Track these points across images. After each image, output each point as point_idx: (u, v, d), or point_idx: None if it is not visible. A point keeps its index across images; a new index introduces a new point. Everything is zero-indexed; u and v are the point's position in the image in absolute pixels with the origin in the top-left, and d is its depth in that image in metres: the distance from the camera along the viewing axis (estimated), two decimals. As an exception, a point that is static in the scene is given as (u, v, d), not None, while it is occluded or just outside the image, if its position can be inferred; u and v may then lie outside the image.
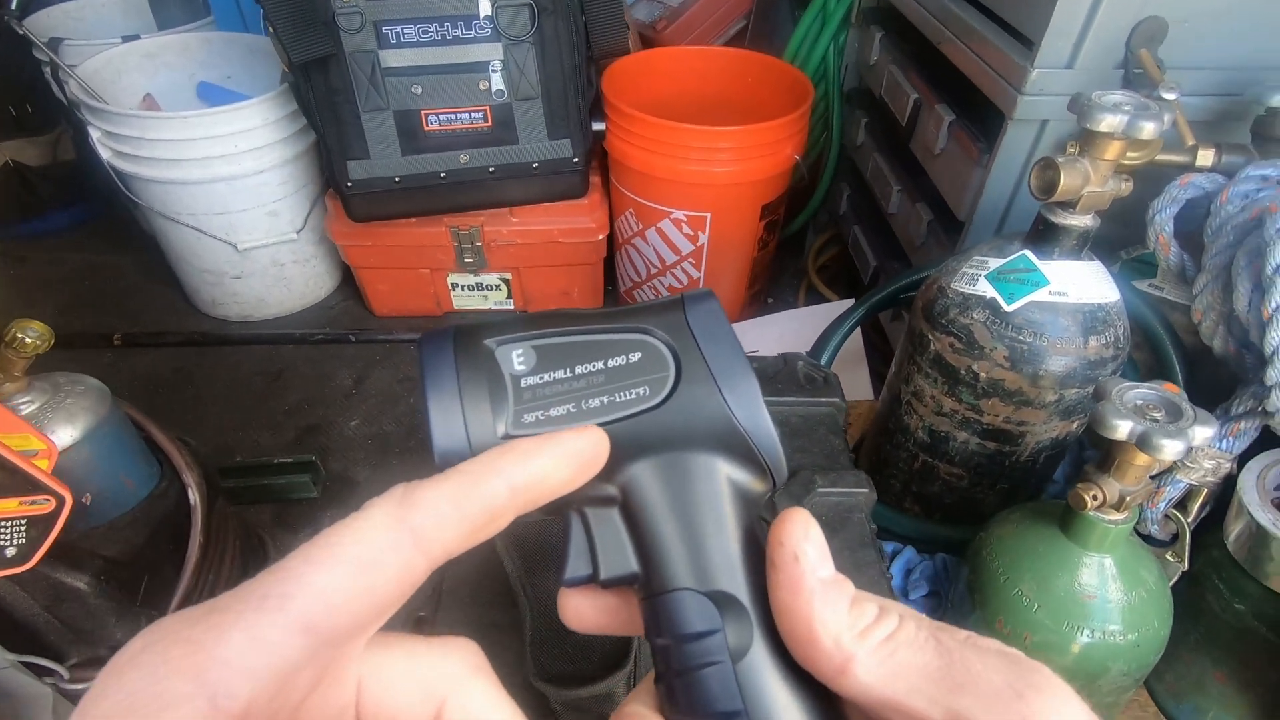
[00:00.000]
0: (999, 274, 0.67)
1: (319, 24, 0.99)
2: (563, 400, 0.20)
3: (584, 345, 0.21)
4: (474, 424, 0.20)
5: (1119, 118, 0.56)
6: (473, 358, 0.20)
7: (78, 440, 0.69)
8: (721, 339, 0.21)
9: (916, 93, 1.00)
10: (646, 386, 0.21)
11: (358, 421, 1.24)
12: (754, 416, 0.20)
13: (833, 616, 0.18)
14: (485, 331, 0.21)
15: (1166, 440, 0.48)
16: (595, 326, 0.21)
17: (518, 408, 0.20)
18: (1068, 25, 0.71)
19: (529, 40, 1.07)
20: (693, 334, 0.21)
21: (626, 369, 0.21)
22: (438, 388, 0.20)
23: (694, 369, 0.21)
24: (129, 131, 1.15)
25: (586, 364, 0.21)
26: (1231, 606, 0.63)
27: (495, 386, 0.20)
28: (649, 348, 0.21)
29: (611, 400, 0.20)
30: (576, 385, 0.20)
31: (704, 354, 0.21)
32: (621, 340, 0.21)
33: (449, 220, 1.26)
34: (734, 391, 0.20)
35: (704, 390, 0.20)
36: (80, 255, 1.56)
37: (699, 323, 0.21)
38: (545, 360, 0.21)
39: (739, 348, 0.21)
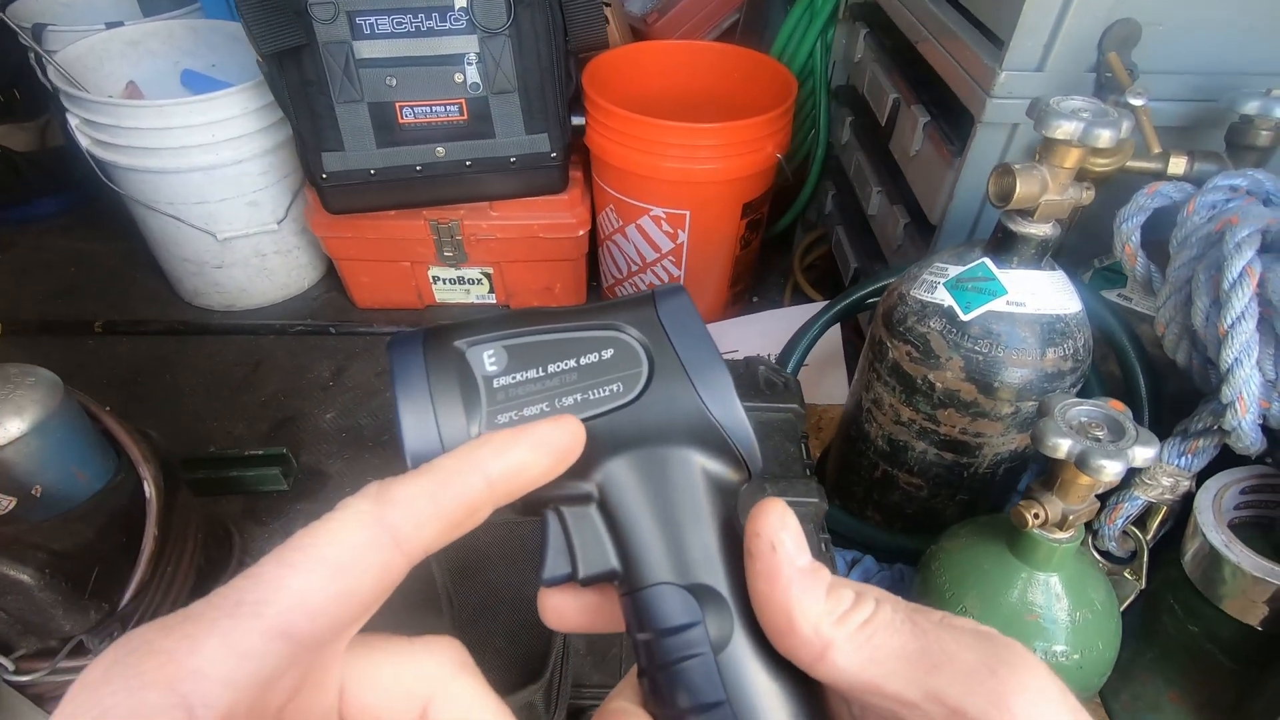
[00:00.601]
0: (957, 282, 0.65)
1: (291, 14, 0.98)
2: (536, 399, 0.20)
3: (556, 343, 0.21)
4: (447, 427, 0.20)
5: (1075, 124, 0.54)
6: (443, 360, 0.21)
7: (26, 432, 0.68)
8: (692, 333, 0.21)
9: (896, 92, 0.98)
10: (620, 383, 0.21)
11: (333, 414, 1.23)
12: (727, 409, 0.21)
13: (811, 604, 0.18)
14: (455, 332, 0.21)
15: (1105, 460, 0.47)
16: (567, 324, 0.21)
17: (491, 408, 0.20)
18: (1038, 25, 0.69)
19: (505, 33, 1.05)
20: (664, 329, 0.21)
21: (599, 366, 0.21)
22: (408, 392, 0.20)
23: (666, 364, 0.21)
24: (107, 119, 1.15)
25: (559, 362, 0.21)
26: (1186, 628, 0.62)
27: (467, 388, 0.20)
28: (621, 344, 0.21)
29: (585, 398, 0.20)
30: (549, 384, 0.20)
31: (676, 348, 0.21)
32: (593, 337, 0.21)
33: (428, 213, 1.25)
34: (707, 385, 0.21)
35: (677, 385, 0.21)
36: (66, 242, 1.57)
37: (670, 317, 0.22)
38: (517, 360, 0.21)
39: (710, 341, 0.21)
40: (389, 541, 0.16)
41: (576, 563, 0.20)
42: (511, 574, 0.53)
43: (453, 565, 0.53)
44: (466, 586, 0.52)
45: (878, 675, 0.17)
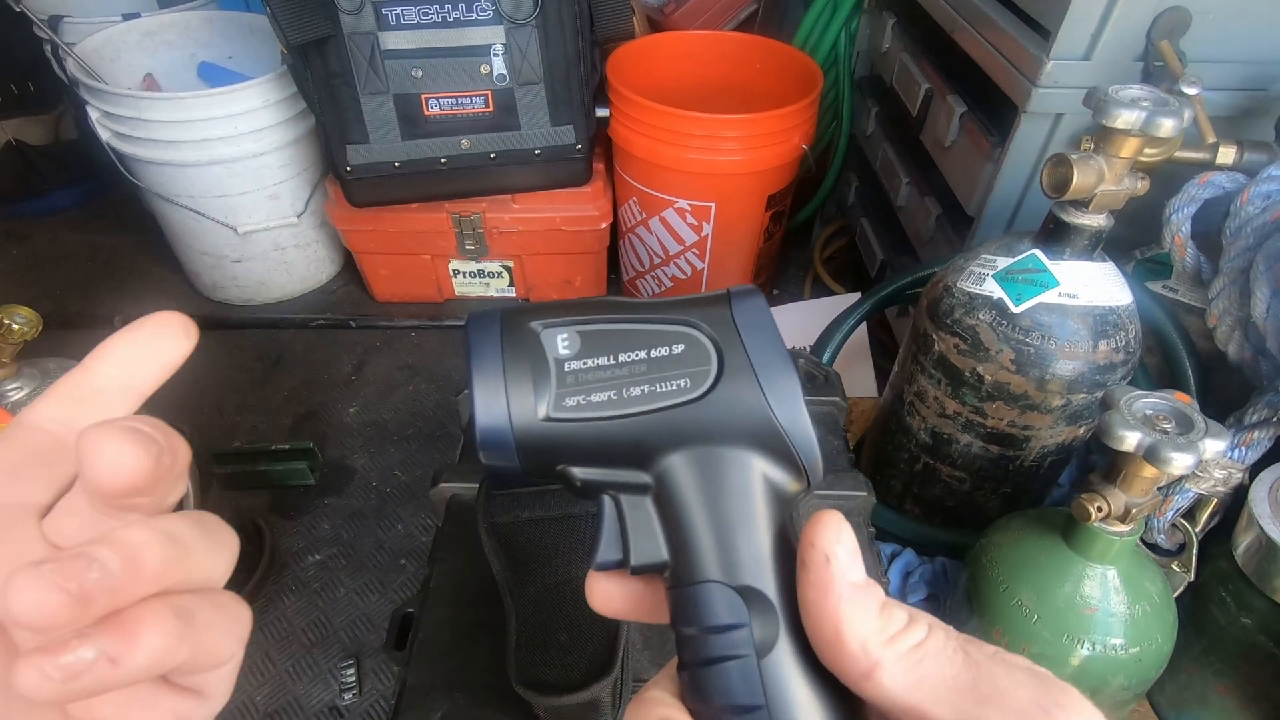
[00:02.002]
0: (1007, 274, 0.64)
1: (317, 5, 0.97)
2: (604, 386, 0.20)
3: (628, 333, 0.21)
4: (516, 404, 0.20)
5: (1137, 114, 0.53)
6: (519, 339, 0.21)
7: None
8: (765, 335, 0.21)
9: (928, 83, 0.97)
10: (688, 379, 0.21)
11: (356, 408, 1.23)
12: (794, 416, 0.20)
13: (861, 620, 0.18)
14: (533, 314, 0.21)
15: (1176, 454, 0.46)
16: (641, 316, 0.21)
17: (559, 390, 0.20)
18: (1086, 15, 0.69)
19: (531, 23, 1.04)
20: (737, 329, 0.21)
21: (669, 360, 0.21)
22: (483, 367, 0.21)
23: (736, 364, 0.21)
24: (127, 112, 1.14)
25: (630, 352, 0.21)
26: (1238, 620, 0.62)
27: (539, 368, 0.20)
28: (692, 340, 0.21)
29: (653, 390, 0.20)
30: (619, 373, 0.21)
31: (747, 350, 0.21)
32: (666, 331, 0.21)
33: (450, 206, 1.24)
34: (775, 389, 0.20)
35: (745, 386, 0.20)
36: (82, 235, 1.56)
37: (744, 317, 0.21)
38: (589, 346, 0.21)
39: (782, 345, 0.21)
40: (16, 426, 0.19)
41: (629, 551, 0.21)
42: (571, 569, 0.52)
43: (514, 560, 0.52)
44: (527, 581, 0.52)
45: (924, 700, 0.17)
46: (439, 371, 1.30)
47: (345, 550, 1.03)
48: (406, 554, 1.02)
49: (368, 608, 0.96)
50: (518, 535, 0.54)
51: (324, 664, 0.90)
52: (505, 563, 0.53)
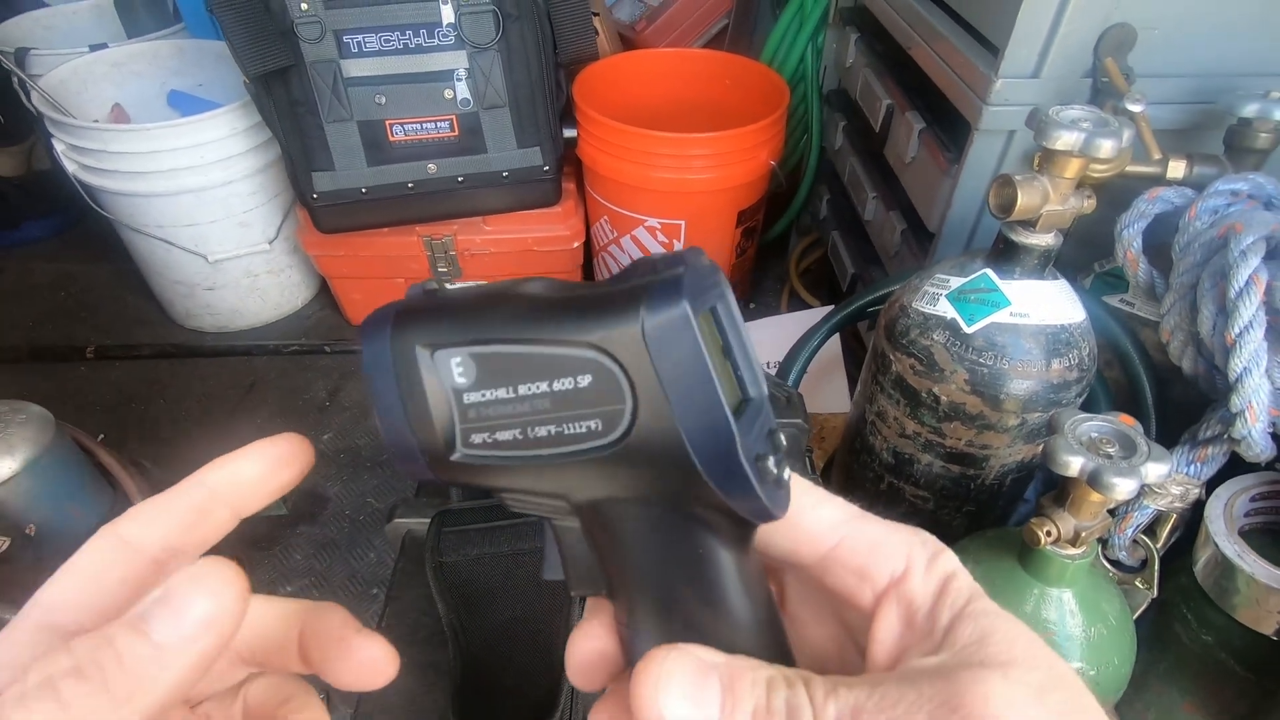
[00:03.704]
0: (960, 294, 0.64)
1: (276, 34, 0.97)
2: (508, 424, 0.18)
3: (527, 358, 0.17)
4: (423, 438, 0.18)
5: (1076, 135, 0.53)
6: (411, 365, 0.18)
7: (18, 471, 0.67)
8: (686, 365, 0.17)
9: (890, 98, 0.97)
10: (598, 419, 0.17)
11: (330, 435, 1.22)
12: (730, 475, 0.17)
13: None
14: (425, 327, 0.18)
15: (1118, 479, 0.46)
16: (544, 328, 0.17)
17: (464, 427, 0.18)
18: (1033, 32, 0.69)
19: (494, 48, 1.05)
20: (650, 356, 0.17)
21: (575, 395, 0.17)
22: (382, 399, 0.18)
23: (652, 403, 0.17)
24: (92, 144, 1.14)
25: (530, 383, 0.17)
26: (1199, 637, 0.61)
27: (438, 399, 0.18)
28: (601, 370, 0.17)
29: (559, 431, 0.18)
30: (521, 408, 0.18)
31: (664, 388, 0.17)
32: (569, 357, 0.17)
33: (421, 230, 1.24)
34: (702, 442, 0.17)
35: (664, 434, 0.17)
36: (55, 266, 1.55)
37: (658, 339, 0.16)
38: (486, 373, 0.18)
39: (706, 375, 0.17)
40: (120, 544, 0.19)
41: (568, 577, 0.20)
42: (519, 608, 0.52)
43: (459, 600, 0.52)
44: (474, 622, 0.51)
45: None
46: (414, 395, 1.29)
47: (317, 581, 1.02)
48: (379, 583, 1.01)
49: (339, 640, 0.95)
50: (467, 573, 0.54)
51: (294, 699, 0.89)
52: (454, 603, 0.52)
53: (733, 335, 0.19)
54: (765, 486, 0.18)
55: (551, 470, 0.18)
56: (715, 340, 0.18)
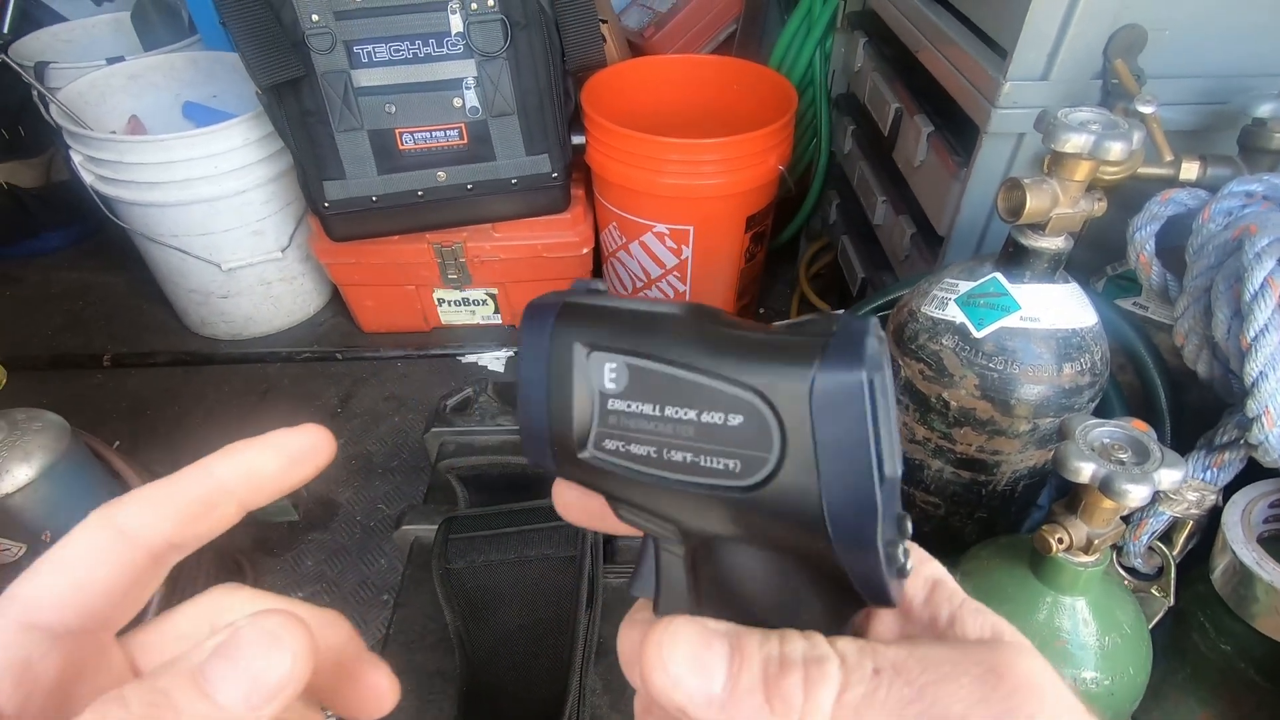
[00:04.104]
0: (969, 298, 0.64)
1: (288, 46, 0.98)
2: (645, 439, 0.18)
3: (682, 383, 0.17)
4: (557, 428, 0.18)
5: (1085, 138, 0.53)
6: (568, 358, 0.18)
7: (34, 478, 0.68)
8: (848, 435, 0.16)
9: (898, 102, 0.97)
10: (739, 461, 0.17)
11: (342, 441, 1.23)
12: (861, 554, 0.16)
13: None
14: (589, 326, 0.18)
15: (1131, 485, 0.45)
16: (707, 359, 0.17)
17: (600, 429, 0.18)
18: (1041, 34, 0.68)
19: (502, 56, 1.05)
20: (812, 416, 0.16)
21: (722, 431, 0.17)
22: (529, 382, 0.19)
23: (799, 464, 0.16)
24: (109, 155, 1.16)
25: (678, 408, 0.17)
26: (1218, 646, 0.60)
27: (582, 396, 0.18)
28: (756, 414, 0.17)
29: (696, 462, 0.17)
30: (663, 428, 0.18)
31: (818, 451, 0.16)
32: (726, 393, 0.17)
33: (431, 237, 1.25)
34: (841, 519, 0.16)
35: (803, 498, 0.16)
36: (74, 275, 1.58)
37: (824, 403, 0.16)
38: (636, 385, 0.18)
39: (867, 454, 0.16)
40: (116, 537, 0.17)
41: (657, 599, 0.20)
42: (524, 615, 0.52)
43: (465, 607, 0.52)
44: (479, 629, 0.51)
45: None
46: (425, 402, 1.30)
47: (328, 587, 1.03)
48: (389, 589, 1.02)
49: (349, 645, 0.96)
50: (473, 580, 0.54)
51: (305, 705, 0.90)
52: (459, 610, 0.52)
53: (883, 412, 0.17)
54: (890, 571, 0.17)
55: (674, 495, 0.18)
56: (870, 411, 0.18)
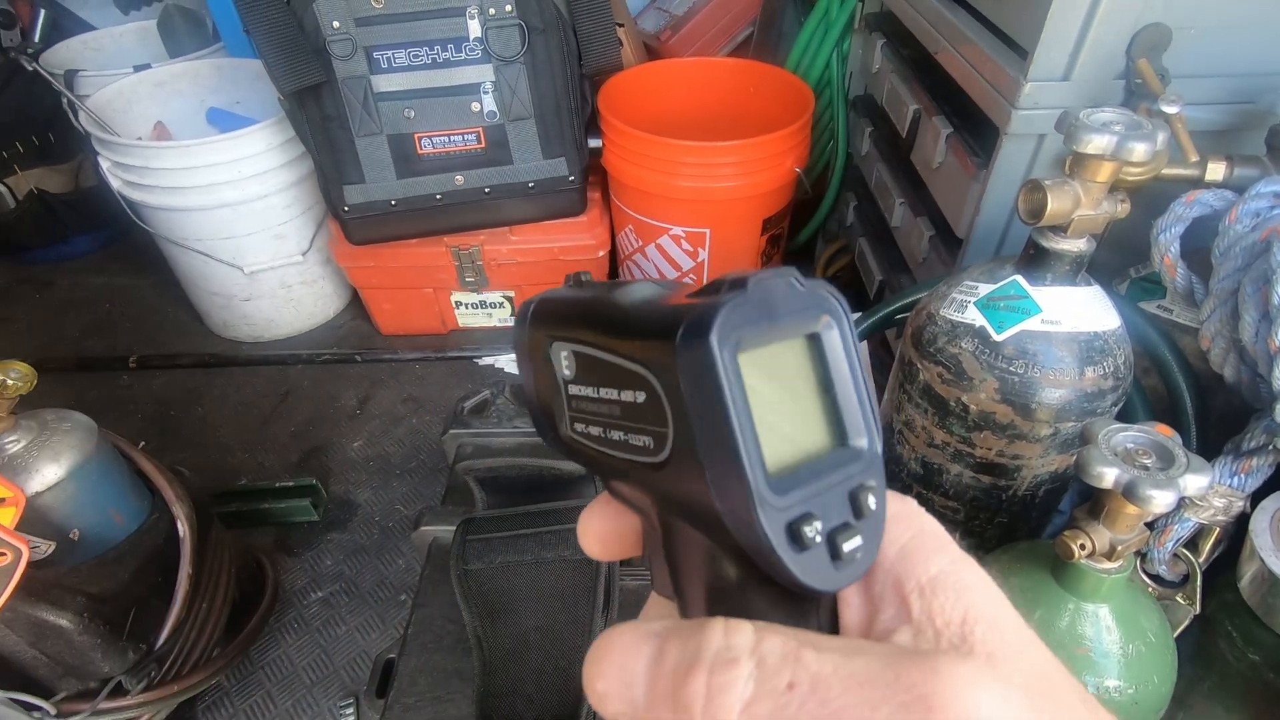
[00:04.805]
0: (989, 301, 0.63)
1: (309, 52, 1.00)
2: (595, 421, 0.19)
3: (604, 365, 0.18)
4: (547, 410, 0.20)
5: (1108, 139, 0.52)
6: (539, 351, 0.20)
7: (63, 478, 0.70)
8: (709, 408, 0.15)
9: (916, 103, 0.96)
10: (650, 438, 0.17)
11: (360, 442, 1.24)
12: (749, 536, 0.15)
13: None
14: (550, 318, 0.20)
15: (1155, 491, 0.45)
16: (612, 340, 0.17)
17: (569, 413, 0.20)
18: (1063, 34, 0.68)
19: (520, 60, 1.06)
20: (680, 389, 0.16)
21: (635, 409, 0.17)
22: (522, 378, 0.21)
23: (684, 439, 0.16)
24: (136, 161, 1.18)
25: (607, 389, 0.18)
26: (1245, 655, 0.59)
27: (555, 385, 0.20)
28: (650, 390, 0.17)
29: (625, 440, 0.18)
30: (601, 410, 0.18)
31: (691, 424, 0.16)
32: (628, 370, 0.17)
33: (449, 240, 1.26)
34: (721, 494, 0.15)
35: (693, 473, 0.16)
36: (101, 279, 1.61)
37: (689, 374, 0.15)
38: (581, 371, 0.19)
39: (727, 424, 0.15)
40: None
41: (653, 579, 0.20)
42: (541, 616, 0.52)
43: (482, 608, 0.52)
44: (496, 630, 0.51)
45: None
46: (442, 404, 1.31)
47: (347, 586, 1.04)
48: (407, 590, 1.03)
49: (368, 645, 0.97)
50: (491, 581, 0.54)
51: (324, 703, 0.91)
52: (477, 610, 0.53)
53: (836, 369, 0.17)
54: (799, 556, 0.16)
55: (623, 475, 0.18)
56: (806, 374, 0.17)
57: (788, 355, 0.16)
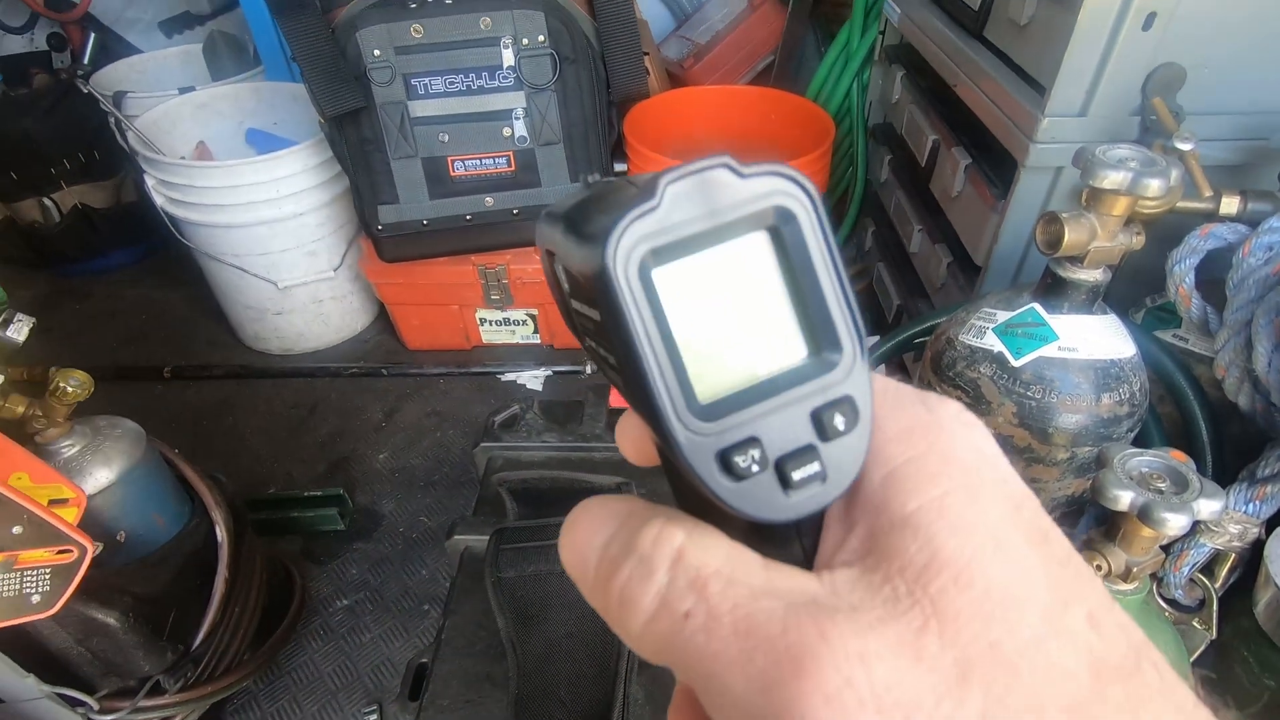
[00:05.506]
0: (1007, 327, 0.65)
1: (351, 79, 1.04)
2: (590, 334, 0.17)
3: (575, 279, 0.16)
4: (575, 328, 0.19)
5: (1123, 175, 0.55)
6: (546, 265, 0.18)
7: (114, 482, 0.73)
8: (620, 335, 0.14)
9: (935, 134, 0.99)
10: (612, 354, 0.16)
11: (386, 455, 1.27)
12: (680, 457, 0.15)
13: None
14: (545, 230, 0.17)
15: (1170, 514, 0.46)
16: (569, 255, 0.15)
17: (578, 327, 0.18)
18: (1080, 71, 0.70)
19: (551, 88, 1.10)
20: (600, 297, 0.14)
21: (598, 328, 0.16)
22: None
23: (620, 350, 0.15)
24: (180, 179, 1.23)
25: (583, 304, 0.16)
26: (1261, 681, 0.60)
27: (563, 298, 0.18)
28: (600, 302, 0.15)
29: (605, 357, 0.16)
30: (588, 324, 0.16)
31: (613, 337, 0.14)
32: (583, 287, 0.15)
33: (476, 259, 1.29)
34: (649, 417, 0.15)
35: (631, 387, 0.15)
36: (138, 291, 1.66)
37: (601, 301, 0.14)
38: (570, 285, 0.17)
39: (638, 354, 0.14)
40: None
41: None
42: (571, 624, 0.54)
43: (516, 615, 0.54)
44: (529, 636, 0.53)
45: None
46: (465, 418, 1.33)
47: (372, 595, 1.06)
48: (430, 599, 1.05)
49: (391, 653, 0.99)
50: (523, 589, 0.57)
51: (348, 709, 0.93)
52: (511, 617, 0.55)
53: (800, 267, 0.15)
54: (737, 485, 0.14)
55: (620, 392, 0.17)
56: (760, 277, 0.15)
57: (731, 260, 0.14)
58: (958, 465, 0.14)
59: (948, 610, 0.12)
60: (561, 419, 0.78)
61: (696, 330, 0.14)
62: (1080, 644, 0.12)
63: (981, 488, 0.14)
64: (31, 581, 0.53)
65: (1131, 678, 0.12)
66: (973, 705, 0.12)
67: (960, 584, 0.12)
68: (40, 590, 0.54)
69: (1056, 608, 0.13)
